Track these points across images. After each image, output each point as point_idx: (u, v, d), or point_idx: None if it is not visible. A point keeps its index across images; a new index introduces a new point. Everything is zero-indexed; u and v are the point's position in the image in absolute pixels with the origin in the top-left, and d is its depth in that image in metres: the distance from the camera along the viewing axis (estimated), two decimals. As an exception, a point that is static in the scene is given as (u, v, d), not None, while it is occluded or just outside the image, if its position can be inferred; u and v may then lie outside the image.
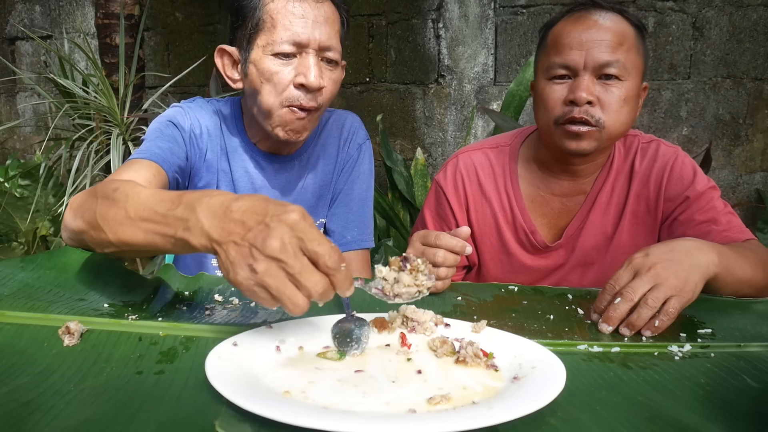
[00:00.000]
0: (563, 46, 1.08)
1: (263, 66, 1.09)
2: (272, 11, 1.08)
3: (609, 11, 1.09)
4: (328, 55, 1.11)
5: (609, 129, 1.07)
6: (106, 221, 0.81)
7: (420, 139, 3.01)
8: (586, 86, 1.05)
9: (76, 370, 0.65)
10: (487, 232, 1.25)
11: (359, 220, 1.30)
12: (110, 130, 2.58)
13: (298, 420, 0.50)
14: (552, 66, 1.09)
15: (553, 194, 1.21)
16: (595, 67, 1.05)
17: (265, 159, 1.25)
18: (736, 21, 2.62)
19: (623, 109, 1.07)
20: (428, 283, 0.72)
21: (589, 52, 1.05)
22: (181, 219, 0.71)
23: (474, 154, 1.27)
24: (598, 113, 1.06)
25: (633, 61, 1.07)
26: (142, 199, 0.78)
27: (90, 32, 3.54)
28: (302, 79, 1.08)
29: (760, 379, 0.66)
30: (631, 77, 1.07)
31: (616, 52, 1.05)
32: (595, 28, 1.06)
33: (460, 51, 2.87)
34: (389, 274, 0.76)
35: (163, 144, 1.13)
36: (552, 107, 1.09)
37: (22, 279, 0.94)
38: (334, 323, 0.76)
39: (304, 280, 0.62)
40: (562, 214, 1.21)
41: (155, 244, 0.75)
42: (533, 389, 0.59)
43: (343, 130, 1.31)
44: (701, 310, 0.87)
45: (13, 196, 3.01)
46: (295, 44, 1.08)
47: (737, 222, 1.11)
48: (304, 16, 1.07)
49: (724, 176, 2.77)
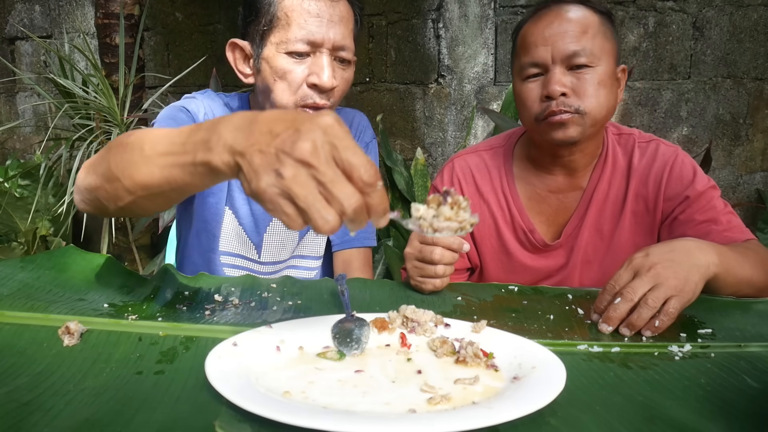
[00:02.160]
0: (529, 45, 1.10)
1: (276, 64, 1.08)
2: (287, 8, 1.06)
3: (569, 4, 1.11)
4: (341, 55, 1.10)
5: (590, 114, 1.08)
6: (119, 167, 0.74)
7: (420, 139, 3.01)
8: (558, 79, 1.07)
9: (76, 370, 0.65)
10: (486, 233, 1.25)
11: None
12: (110, 130, 2.58)
13: (298, 420, 0.50)
14: (523, 66, 1.12)
15: (549, 191, 1.21)
16: (563, 59, 1.07)
17: None
18: (736, 21, 2.62)
19: (600, 93, 1.08)
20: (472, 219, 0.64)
21: (555, 45, 1.07)
22: (201, 141, 0.63)
23: (469, 157, 1.29)
24: (575, 102, 1.07)
25: (600, 46, 1.08)
26: (159, 135, 0.71)
27: (90, 32, 3.54)
28: (315, 79, 1.07)
29: (760, 379, 0.66)
30: (601, 62, 1.08)
31: (581, 41, 1.07)
32: (557, 21, 1.08)
33: (460, 51, 2.87)
34: (427, 212, 0.66)
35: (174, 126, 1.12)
36: (530, 106, 1.11)
37: (22, 279, 0.94)
38: (334, 323, 0.76)
39: (336, 191, 0.54)
40: (559, 212, 1.22)
41: (173, 178, 0.68)
42: (533, 389, 0.59)
43: (350, 129, 1.30)
44: (701, 310, 0.87)
45: (13, 196, 3.01)
46: (310, 43, 1.07)
47: (737, 222, 1.11)
48: (319, 15, 1.06)
49: (724, 176, 2.77)
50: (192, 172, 0.65)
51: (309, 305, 0.89)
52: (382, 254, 2.34)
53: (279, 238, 1.27)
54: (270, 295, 0.93)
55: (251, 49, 1.13)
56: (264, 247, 1.27)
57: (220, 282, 0.97)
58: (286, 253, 1.29)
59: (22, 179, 3.07)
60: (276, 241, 1.27)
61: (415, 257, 0.98)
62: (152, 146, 0.70)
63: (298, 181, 0.54)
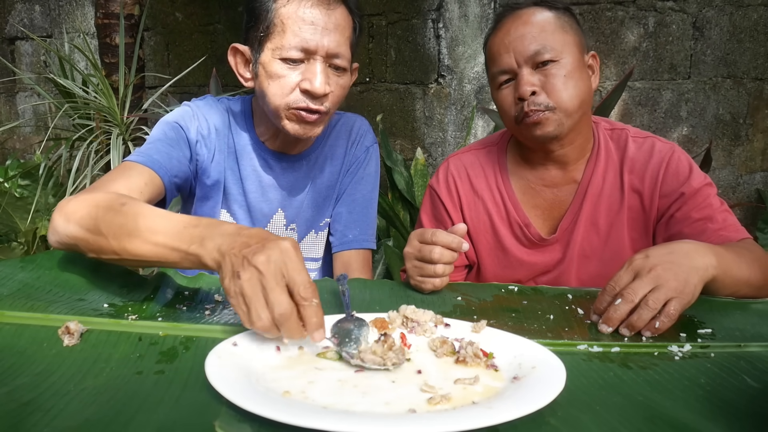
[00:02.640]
0: (495, 54, 1.16)
1: (271, 69, 1.10)
2: (283, 16, 1.08)
3: (524, 8, 1.15)
4: (335, 62, 1.11)
5: (562, 107, 1.11)
6: (110, 230, 0.84)
7: (420, 139, 3.01)
8: (526, 80, 1.10)
9: (76, 370, 0.65)
10: (482, 229, 1.27)
11: (362, 221, 1.31)
12: (110, 130, 2.58)
13: (298, 420, 0.50)
14: (494, 75, 1.17)
15: (543, 184, 1.23)
16: (527, 60, 1.11)
17: (273, 158, 1.25)
18: (736, 21, 2.62)
19: (568, 84, 1.11)
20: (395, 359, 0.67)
21: (516, 49, 1.11)
22: (198, 237, 0.77)
23: (463, 156, 1.31)
24: (544, 99, 1.10)
25: (561, 39, 1.11)
26: (156, 217, 0.84)
27: (90, 32, 3.54)
28: (308, 85, 1.09)
29: (760, 379, 0.66)
30: (564, 54, 1.11)
31: (539, 39, 1.10)
32: (513, 27, 1.13)
33: (460, 51, 2.87)
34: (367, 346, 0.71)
35: (162, 148, 1.14)
36: (508, 110, 1.16)
37: (22, 279, 0.94)
38: (334, 323, 0.76)
39: (272, 296, 0.67)
40: (554, 206, 1.23)
41: (164, 258, 0.81)
42: (533, 389, 0.59)
43: (351, 133, 1.32)
44: (701, 310, 0.87)
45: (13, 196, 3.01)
46: (303, 50, 1.08)
47: (733, 220, 1.12)
48: (313, 23, 1.08)
49: (724, 176, 2.77)
50: (183, 258, 0.79)
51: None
52: (382, 254, 2.34)
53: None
54: (270, 295, 0.93)
55: (251, 53, 1.15)
56: None
57: (219, 282, 0.97)
58: None
59: (22, 179, 3.06)
60: None
61: (414, 257, 0.98)
62: (148, 227, 0.82)
63: (249, 283, 0.68)
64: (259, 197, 1.26)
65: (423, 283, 0.97)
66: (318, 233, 1.32)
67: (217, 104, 1.26)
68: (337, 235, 1.30)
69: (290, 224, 1.29)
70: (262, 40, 1.11)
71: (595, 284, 1.12)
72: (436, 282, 0.97)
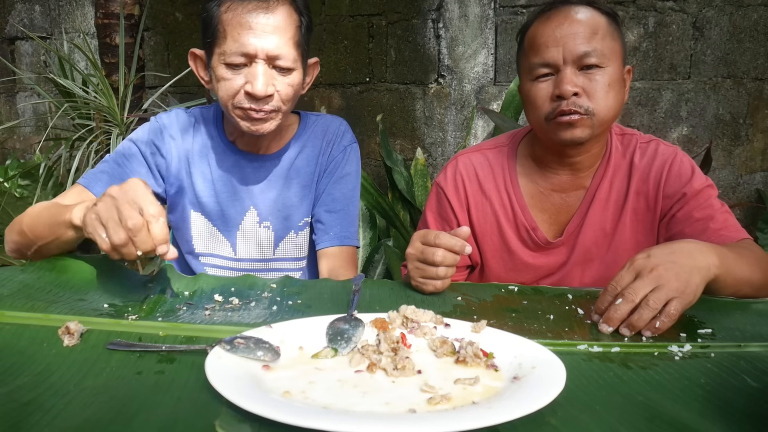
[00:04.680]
0: (540, 45, 1.11)
1: (218, 73, 1.15)
2: (224, 22, 1.12)
3: (577, 5, 1.12)
4: (278, 63, 1.14)
5: (599, 115, 1.09)
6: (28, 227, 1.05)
7: (420, 139, 3.01)
8: (570, 79, 1.07)
9: (76, 370, 0.66)
10: (488, 230, 1.26)
11: (343, 219, 1.32)
12: (110, 130, 2.58)
13: (298, 420, 0.50)
14: (533, 66, 1.12)
15: (552, 189, 1.22)
16: (575, 59, 1.08)
17: (244, 158, 1.29)
18: (736, 21, 2.62)
19: (609, 95, 1.09)
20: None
21: (566, 46, 1.08)
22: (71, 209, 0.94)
23: (473, 156, 1.29)
24: (585, 102, 1.08)
25: (610, 47, 1.10)
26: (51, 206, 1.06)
27: (90, 32, 3.54)
28: (249, 88, 1.13)
29: (760, 379, 0.66)
30: (611, 63, 1.10)
31: (592, 41, 1.08)
32: (567, 22, 1.09)
33: (460, 51, 2.87)
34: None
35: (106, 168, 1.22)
36: (540, 105, 1.12)
37: (22, 280, 0.94)
38: (330, 321, 0.77)
39: (125, 212, 0.79)
40: (562, 210, 1.22)
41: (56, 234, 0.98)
42: (533, 389, 0.59)
43: (326, 134, 1.33)
44: (701, 310, 0.87)
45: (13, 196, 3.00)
46: (244, 55, 1.12)
47: (733, 221, 1.12)
48: (251, 28, 1.11)
49: (724, 176, 2.77)
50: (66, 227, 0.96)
51: (309, 305, 0.89)
52: (382, 254, 2.34)
53: (253, 236, 1.31)
54: (270, 295, 0.93)
55: (205, 58, 1.20)
56: (238, 244, 1.31)
57: (220, 282, 0.97)
58: (263, 252, 1.32)
59: (22, 179, 3.06)
60: (250, 238, 1.31)
61: (416, 258, 0.98)
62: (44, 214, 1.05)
63: (104, 206, 0.82)
64: (230, 197, 1.29)
65: (424, 284, 0.97)
66: (298, 233, 1.33)
67: (182, 114, 1.31)
68: (319, 234, 1.31)
69: (263, 221, 1.31)
70: (211, 45, 1.16)
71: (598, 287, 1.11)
72: (438, 284, 0.96)
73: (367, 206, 2.40)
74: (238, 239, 1.31)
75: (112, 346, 0.71)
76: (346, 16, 3.04)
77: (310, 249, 1.36)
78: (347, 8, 3.03)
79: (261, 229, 1.31)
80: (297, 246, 1.34)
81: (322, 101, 3.13)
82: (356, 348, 0.71)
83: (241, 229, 1.30)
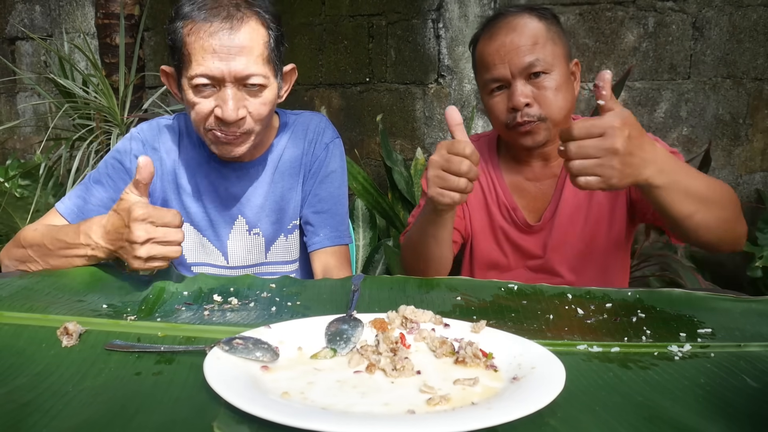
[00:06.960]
0: (487, 63, 1.20)
1: (187, 96, 1.12)
2: (189, 46, 1.08)
3: (516, 15, 1.19)
4: (249, 82, 1.10)
5: (552, 118, 1.18)
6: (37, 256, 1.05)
7: (420, 139, 3.01)
8: (520, 91, 1.16)
9: (75, 370, 0.65)
10: (477, 206, 1.33)
11: (332, 218, 1.30)
12: (110, 130, 2.58)
13: (296, 421, 0.50)
14: (486, 83, 1.22)
15: (527, 179, 1.31)
16: (521, 71, 1.16)
17: (226, 167, 1.26)
18: (736, 21, 2.62)
19: (559, 97, 1.18)
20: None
21: (511, 61, 1.16)
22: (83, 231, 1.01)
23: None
24: (536, 111, 1.17)
25: (552, 52, 1.17)
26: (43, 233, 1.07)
27: (90, 32, 3.54)
28: (219, 112, 1.09)
29: (760, 379, 0.66)
30: (556, 66, 1.17)
31: (534, 52, 1.16)
32: (508, 38, 1.17)
33: (460, 51, 2.87)
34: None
35: (81, 193, 1.21)
36: (499, 116, 1.22)
37: (22, 283, 0.94)
38: (329, 322, 0.77)
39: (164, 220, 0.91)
40: (538, 198, 1.30)
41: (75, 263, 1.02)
42: (533, 390, 0.59)
43: (308, 132, 1.31)
44: (701, 309, 0.87)
45: (13, 196, 3.00)
46: (210, 78, 1.08)
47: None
48: (215, 51, 1.06)
49: (724, 176, 2.76)
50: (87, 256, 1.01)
51: (308, 305, 0.89)
52: (382, 254, 2.34)
53: (243, 243, 1.29)
54: (269, 295, 0.93)
55: (176, 77, 1.17)
56: (230, 253, 1.30)
57: (219, 282, 0.97)
58: (255, 258, 1.31)
59: (22, 179, 3.06)
60: (241, 246, 1.30)
61: (440, 166, 0.95)
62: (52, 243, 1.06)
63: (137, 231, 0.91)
64: (218, 207, 1.27)
65: (442, 195, 0.95)
66: (288, 236, 1.32)
67: (163, 127, 1.28)
68: (310, 235, 1.30)
69: (253, 229, 1.29)
70: (179, 67, 1.13)
71: (582, 264, 1.26)
72: (456, 197, 0.95)
73: (367, 206, 2.40)
74: (229, 248, 1.29)
75: (111, 346, 0.71)
76: (346, 16, 3.04)
77: (302, 250, 1.35)
78: (347, 8, 3.03)
79: (251, 237, 1.29)
80: (288, 249, 1.33)
81: (322, 101, 3.13)
82: (355, 348, 0.71)
83: (231, 238, 1.29)
